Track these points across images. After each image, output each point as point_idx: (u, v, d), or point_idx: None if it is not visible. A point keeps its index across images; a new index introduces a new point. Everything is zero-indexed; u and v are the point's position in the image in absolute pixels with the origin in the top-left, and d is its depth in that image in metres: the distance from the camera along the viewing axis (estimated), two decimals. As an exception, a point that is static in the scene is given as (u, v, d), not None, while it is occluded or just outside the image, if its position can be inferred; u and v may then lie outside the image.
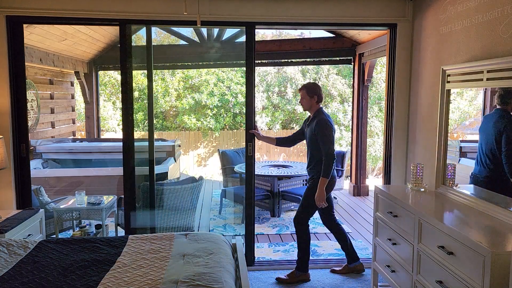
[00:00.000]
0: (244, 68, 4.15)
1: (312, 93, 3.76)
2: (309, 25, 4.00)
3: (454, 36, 3.17)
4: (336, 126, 10.85)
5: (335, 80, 11.20)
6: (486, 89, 2.82)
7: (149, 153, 4.29)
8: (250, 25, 3.97)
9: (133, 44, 4.17)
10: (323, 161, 3.64)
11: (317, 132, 3.66)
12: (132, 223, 4.01)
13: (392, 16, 3.91)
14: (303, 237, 3.80)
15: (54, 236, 4.35)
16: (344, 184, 7.20)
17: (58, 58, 6.22)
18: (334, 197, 6.55)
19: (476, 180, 2.83)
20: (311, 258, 4.31)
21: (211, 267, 2.45)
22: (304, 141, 3.95)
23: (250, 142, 4.07)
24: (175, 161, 6.60)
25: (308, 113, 3.92)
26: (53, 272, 2.39)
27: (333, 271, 3.95)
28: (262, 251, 4.53)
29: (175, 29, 7.14)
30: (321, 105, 3.82)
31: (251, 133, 4.05)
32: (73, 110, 7.94)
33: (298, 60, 7.55)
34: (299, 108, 11.33)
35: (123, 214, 4.11)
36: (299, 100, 3.89)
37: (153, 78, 4.20)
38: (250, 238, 4.15)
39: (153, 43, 4.20)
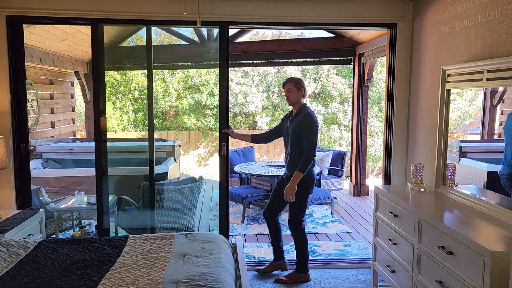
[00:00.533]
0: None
1: (300, 86, 3.73)
2: (309, 25, 3.99)
3: (454, 36, 3.17)
4: (336, 126, 10.93)
5: (335, 80, 11.19)
6: (486, 89, 2.82)
7: (149, 153, 4.29)
8: (223, 25, 3.86)
9: (133, 44, 4.16)
10: (303, 156, 3.57)
11: (304, 127, 3.59)
12: (105, 224, 3.98)
13: (392, 16, 3.91)
14: (301, 238, 3.77)
15: (54, 236, 4.35)
16: (344, 184, 7.20)
17: (58, 58, 6.22)
18: (334, 197, 6.55)
19: (503, 180, 2.74)
20: (311, 258, 4.31)
21: (211, 267, 2.45)
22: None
23: (224, 142, 3.99)
24: (175, 161, 6.59)
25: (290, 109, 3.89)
26: (53, 272, 2.39)
27: (277, 281, 3.77)
28: (262, 251, 4.54)
29: (175, 29, 7.14)
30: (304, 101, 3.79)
31: (225, 133, 3.96)
32: (73, 110, 7.94)
33: (298, 60, 7.55)
34: (299, 108, 11.32)
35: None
36: (285, 94, 3.81)
37: (153, 78, 4.18)
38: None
39: (153, 43, 4.18)
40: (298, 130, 3.63)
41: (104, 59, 3.86)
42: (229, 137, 4.01)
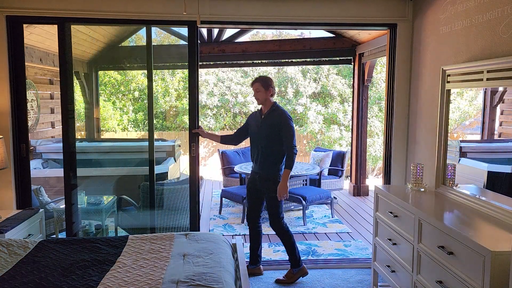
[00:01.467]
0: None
1: (267, 86, 3.68)
2: (309, 25, 3.99)
3: (454, 36, 3.17)
4: (336, 126, 10.92)
5: (335, 80, 11.20)
6: (486, 89, 2.82)
7: (149, 153, 4.29)
8: (191, 24, 3.80)
9: (133, 44, 4.15)
10: (288, 153, 3.60)
11: (283, 126, 3.60)
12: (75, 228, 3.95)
13: (392, 16, 3.91)
14: (285, 235, 3.77)
15: (54, 236, 4.35)
16: (344, 184, 7.20)
17: (58, 58, 6.22)
18: (334, 197, 6.55)
19: None
20: (311, 258, 4.31)
21: (211, 267, 2.45)
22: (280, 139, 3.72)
23: (193, 142, 3.93)
24: (175, 161, 6.59)
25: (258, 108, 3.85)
26: (53, 272, 2.39)
27: (277, 281, 3.77)
28: (262, 251, 4.53)
29: (175, 29, 7.13)
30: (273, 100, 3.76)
31: (195, 133, 3.90)
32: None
33: (298, 60, 7.55)
34: (299, 108, 11.33)
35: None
36: (253, 94, 3.78)
37: (153, 78, 4.18)
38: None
39: (153, 43, 4.18)
40: (276, 129, 3.63)
41: (72, 59, 3.82)
42: (199, 137, 3.94)
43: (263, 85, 3.68)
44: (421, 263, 2.65)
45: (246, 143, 12.06)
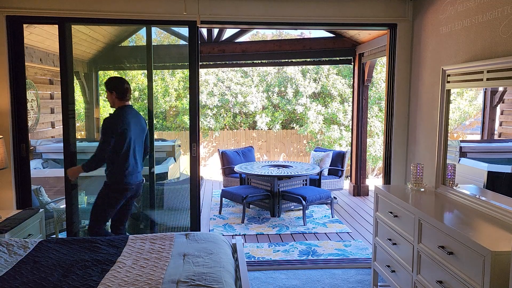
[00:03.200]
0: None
1: (110, 88, 3.53)
2: (309, 25, 3.99)
3: (454, 36, 3.17)
4: (336, 126, 10.92)
5: (335, 80, 11.20)
6: (486, 89, 2.82)
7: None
8: (192, 24, 3.80)
9: (133, 44, 4.15)
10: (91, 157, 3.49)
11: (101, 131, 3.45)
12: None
13: (392, 16, 3.91)
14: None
15: (54, 236, 4.35)
16: (344, 184, 7.20)
17: (58, 58, 6.22)
18: (334, 197, 6.55)
19: None
20: (311, 258, 4.31)
21: (211, 267, 2.45)
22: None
23: (194, 142, 3.87)
24: (175, 161, 6.59)
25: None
26: (53, 272, 2.39)
27: None
28: (262, 251, 4.53)
29: (175, 29, 7.13)
30: (128, 103, 3.61)
31: (196, 133, 3.79)
32: (73, 110, 7.92)
33: (298, 60, 7.55)
34: (299, 108, 11.34)
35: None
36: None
37: (153, 78, 4.18)
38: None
39: (153, 43, 4.18)
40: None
41: (72, 59, 3.80)
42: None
43: (106, 88, 3.54)
44: (421, 263, 2.65)
45: (246, 143, 12.03)
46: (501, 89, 2.73)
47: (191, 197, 4.01)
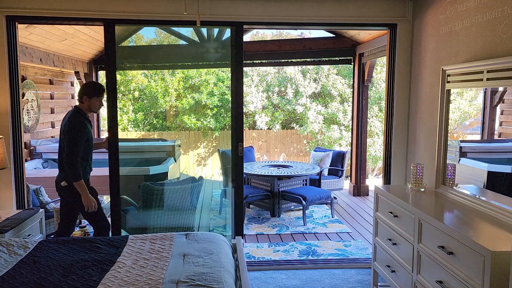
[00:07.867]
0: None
1: (80, 94, 3.49)
2: (309, 25, 3.99)
3: (454, 36, 3.17)
4: (336, 126, 10.93)
5: (335, 80, 11.19)
6: (486, 89, 2.82)
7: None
8: (237, 25, 3.85)
9: (133, 44, 4.15)
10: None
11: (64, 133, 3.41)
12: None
13: (392, 16, 3.91)
14: None
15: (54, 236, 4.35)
16: (344, 184, 7.20)
17: (58, 58, 6.22)
18: (334, 197, 6.55)
19: None
20: (311, 258, 4.31)
21: (211, 267, 2.45)
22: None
23: (240, 141, 3.98)
24: (175, 161, 6.59)
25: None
26: (53, 272, 2.39)
27: None
28: (262, 251, 4.54)
29: (175, 29, 7.14)
30: (77, 105, 3.56)
31: (241, 132, 3.86)
32: (73, 110, 7.92)
33: (298, 60, 7.55)
34: (299, 108, 11.33)
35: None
36: None
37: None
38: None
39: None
40: (61, 136, 3.49)
41: (116, 59, 3.74)
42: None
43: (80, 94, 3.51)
44: (421, 263, 2.65)
45: (246, 143, 12.04)
46: (501, 89, 2.73)
47: (236, 199, 4.00)
